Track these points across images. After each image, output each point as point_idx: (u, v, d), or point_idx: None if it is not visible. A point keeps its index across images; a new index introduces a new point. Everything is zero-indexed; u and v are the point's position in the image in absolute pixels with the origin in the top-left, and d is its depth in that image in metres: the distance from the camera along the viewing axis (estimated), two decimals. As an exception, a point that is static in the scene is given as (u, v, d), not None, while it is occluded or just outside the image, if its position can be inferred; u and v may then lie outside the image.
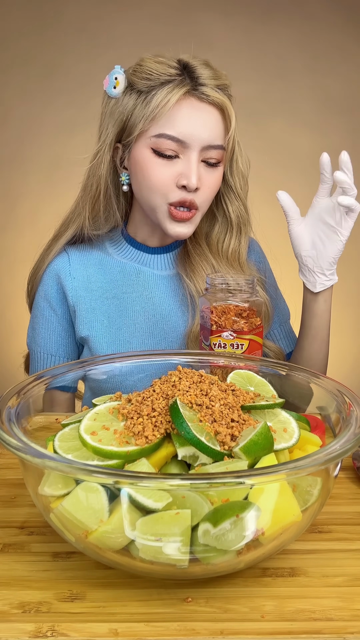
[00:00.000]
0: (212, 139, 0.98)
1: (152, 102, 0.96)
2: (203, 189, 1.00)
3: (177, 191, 0.99)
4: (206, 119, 0.98)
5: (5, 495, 0.74)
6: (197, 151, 0.97)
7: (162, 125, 0.97)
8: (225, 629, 0.53)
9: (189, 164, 0.97)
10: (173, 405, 0.60)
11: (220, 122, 0.99)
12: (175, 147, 0.97)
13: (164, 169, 0.98)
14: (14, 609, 0.55)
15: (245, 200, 1.09)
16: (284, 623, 0.53)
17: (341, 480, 0.78)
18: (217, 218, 1.10)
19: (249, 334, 0.89)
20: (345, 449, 0.54)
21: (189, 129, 0.96)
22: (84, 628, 0.53)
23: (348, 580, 0.59)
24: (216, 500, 0.53)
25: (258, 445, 0.58)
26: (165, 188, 0.99)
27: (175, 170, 0.98)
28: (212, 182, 1.01)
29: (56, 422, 0.72)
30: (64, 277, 1.10)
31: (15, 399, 0.65)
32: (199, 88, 0.97)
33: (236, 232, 1.10)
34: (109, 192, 1.07)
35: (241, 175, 1.07)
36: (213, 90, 0.97)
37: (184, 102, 0.97)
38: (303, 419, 0.70)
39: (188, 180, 0.97)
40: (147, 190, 1.01)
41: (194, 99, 0.97)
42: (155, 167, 0.98)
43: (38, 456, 0.53)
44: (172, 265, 1.12)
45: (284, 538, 0.57)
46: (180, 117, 0.96)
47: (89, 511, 0.53)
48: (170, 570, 0.55)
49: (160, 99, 0.96)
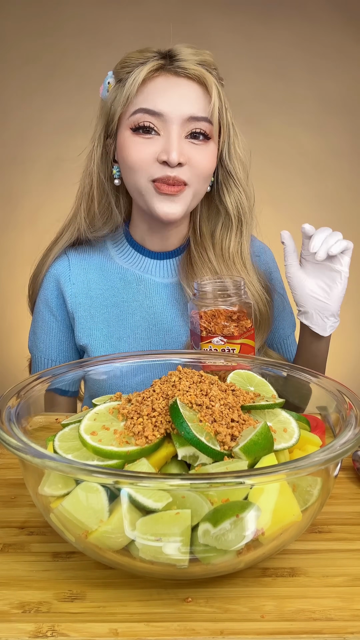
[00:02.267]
0: (194, 111, 0.95)
1: (126, 84, 0.95)
2: (190, 164, 0.96)
3: (159, 167, 0.95)
4: (185, 92, 0.95)
5: (5, 495, 0.74)
6: (178, 125, 0.94)
7: (138, 102, 0.95)
8: (225, 629, 0.53)
9: (169, 139, 0.94)
10: (173, 405, 0.60)
11: (201, 95, 0.96)
12: (154, 122, 0.94)
13: (143, 146, 0.95)
14: (14, 609, 0.55)
15: (246, 187, 1.05)
16: (284, 623, 0.53)
17: (341, 480, 0.78)
18: (221, 213, 1.06)
19: (240, 338, 0.87)
20: (345, 449, 0.54)
21: (165, 101, 0.94)
22: (84, 628, 0.53)
23: (348, 580, 0.59)
24: (216, 500, 0.53)
25: (258, 445, 0.58)
26: (145, 165, 0.95)
27: (156, 147, 0.95)
28: (201, 158, 0.97)
29: (56, 422, 0.72)
30: (63, 282, 1.08)
31: (15, 399, 0.65)
32: (175, 63, 0.95)
33: (237, 225, 1.06)
34: (104, 190, 1.05)
35: (240, 160, 1.03)
36: (190, 63, 0.95)
37: (159, 78, 0.95)
38: (303, 419, 0.70)
39: (168, 155, 0.93)
40: (130, 171, 0.97)
41: (169, 74, 0.95)
42: (134, 145, 0.96)
43: (38, 456, 0.53)
44: (174, 272, 1.10)
45: (284, 538, 0.57)
46: (155, 91, 0.95)
47: (89, 511, 0.53)
48: (170, 570, 0.55)
49: (133, 78, 0.95)
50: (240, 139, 1.03)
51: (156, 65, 0.95)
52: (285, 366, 0.78)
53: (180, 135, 0.95)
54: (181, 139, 0.95)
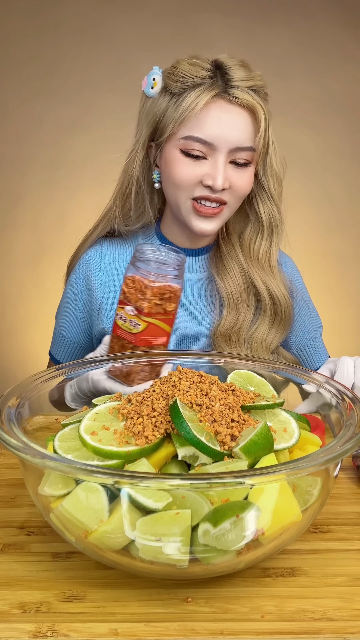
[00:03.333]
0: (241, 141, 0.98)
1: (182, 105, 0.97)
2: (232, 189, 1.00)
3: (203, 189, 0.99)
4: (235, 122, 0.98)
5: (5, 495, 0.74)
6: (225, 153, 0.98)
7: (191, 128, 0.98)
8: (225, 629, 0.52)
9: (216, 166, 0.98)
10: (173, 405, 0.60)
11: (250, 123, 0.99)
12: (203, 149, 0.98)
13: (190, 167, 0.99)
14: (14, 609, 0.55)
15: (278, 202, 1.09)
16: (284, 623, 0.53)
17: (341, 480, 0.78)
18: (250, 218, 1.09)
19: (150, 317, 0.83)
20: (345, 449, 0.54)
21: (217, 131, 0.97)
22: (84, 628, 0.53)
23: (348, 580, 0.59)
24: (216, 500, 0.53)
25: (258, 445, 0.57)
26: (190, 185, 0.99)
27: (202, 170, 0.99)
28: (242, 182, 1.01)
29: (56, 422, 0.72)
30: (94, 272, 1.12)
31: (15, 399, 0.66)
32: (229, 90, 0.97)
33: (267, 234, 1.09)
34: (141, 190, 1.08)
35: (275, 175, 1.07)
36: (243, 92, 0.97)
37: (213, 104, 0.97)
38: (303, 419, 0.71)
39: (214, 181, 0.97)
40: (173, 186, 1.02)
41: (223, 101, 0.98)
42: (182, 165, 0.99)
43: (38, 456, 0.53)
44: (202, 268, 1.13)
45: (284, 538, 0.57)
46: (209, 119, 0.97)
47: (89, 511, 0.53)
48: (170, 570, 0.55)
49: (190, 102, 0.97)
50: (277, 154, 1.07)
51: (212, 93, 0.97)
52: (285, 366, 0.78)
53: (226, 162, 0.99)
54: (227, 164, 0.99)
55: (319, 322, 1.22)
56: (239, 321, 1.07)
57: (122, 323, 0.85)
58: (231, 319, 1.07)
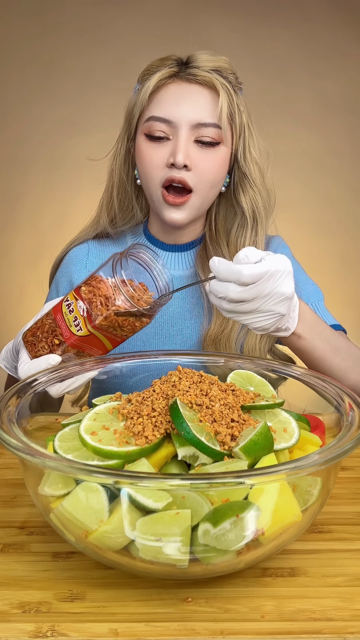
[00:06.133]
0: (202, 117, 0.98)
1: (142, 90, 1.00)
2: (197, 170, 0.99)
3: (167, 170, 0.99)
4: (193, 98, 0.98)
5: (5, 495, 0.74)
6: (187, 129, 0.97)
7: (151, 109, 1.00)
8: (225, 629, 0.52)
9: (177, 142, 0.98)
10: (173, 405, 0.60)
11: (211, 100, 0.99)
12: (165, 129, 0.98)
13: (155, 151, 0.99)
14: (14, 609, 0.55)
15: (261, 189, 1.06)
16: (284, 623, 0.53)
17: (341, 480, 0.78)
18: (237, 213, 1.09)
19: (96, 330, 0.74)
20: (345, 449, 0.54)
21: (175, 108, 0.98)
22: (84, 628, 0.53)
23: (348, 580, 0.59)
24: (216, 500, 0.53)
25: (258, 445, 0.57)
26: (156, 169, 0.99)
27: (166, 151, 0.99)
28: (207, 164, 0.99)
29: (56, 422, 0.72)
30: (79, 269, 1.12)
31: (15, 399, 0.65)
32: (187, 70, 0.99)
33: (252, 224, 1.07)
34: (125, 190, 1.09)
35: (254, 161, 1.05)
36: (203, 71, 0.98)
37: (172, 84, 0.99)
38: (303, 419, 0.70)
39: (175, 156, 0.97)
40: (144, 176, 1.02)
41: (182, 81, 0.99)
42: (147, 150, 1.00)
43: (38, 456, 0.53)
44: (188, 264, 1.12)
45: (284, 538, 0.57)
46: (168, 98, 0.98)
47: (89, 511, 0.53)
48: (170, 570, 0.55)
49: (149, 84, 0.99)
50: (256, 141, 1.06)
51: (168, 73, 0.99)
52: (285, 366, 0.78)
53: (188, 139, 0.98)
54: (189, 142, 0.98)
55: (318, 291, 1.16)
56: (229, 324, 1.05)
57: (66, 312, 0.76)
58: (221, 322, 1.05)
